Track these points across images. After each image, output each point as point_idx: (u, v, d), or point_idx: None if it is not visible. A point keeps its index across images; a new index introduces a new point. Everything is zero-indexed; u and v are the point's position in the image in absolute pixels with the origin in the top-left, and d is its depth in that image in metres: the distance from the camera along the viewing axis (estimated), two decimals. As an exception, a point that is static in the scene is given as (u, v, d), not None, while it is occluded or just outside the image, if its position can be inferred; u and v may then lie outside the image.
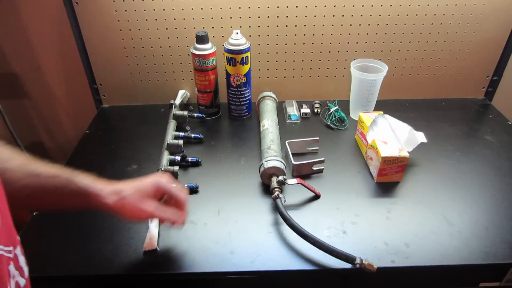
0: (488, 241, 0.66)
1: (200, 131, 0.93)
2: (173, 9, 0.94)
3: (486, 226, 0.69)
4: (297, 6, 0.94)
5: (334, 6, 0.94)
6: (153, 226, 0.67)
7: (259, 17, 0.96)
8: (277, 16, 0.96)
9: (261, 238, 0.66)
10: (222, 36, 0.97)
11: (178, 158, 0.81)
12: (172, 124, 0.92)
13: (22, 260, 0.42)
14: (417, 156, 0.84)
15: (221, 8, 0.94)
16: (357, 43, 1.01)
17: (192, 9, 0.94)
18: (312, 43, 1.00)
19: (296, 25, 0.97)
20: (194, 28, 0.96)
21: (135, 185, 0.56)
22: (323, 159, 0.80)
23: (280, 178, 0.72)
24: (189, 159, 0.83)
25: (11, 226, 0.40)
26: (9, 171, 0.49)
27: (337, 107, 1.01)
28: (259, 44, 1.00)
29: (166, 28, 0.97)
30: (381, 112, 0.89)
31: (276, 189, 0.70)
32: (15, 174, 0.49)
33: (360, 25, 0.98)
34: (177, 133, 0.90)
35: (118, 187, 0.54)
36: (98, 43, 0.98)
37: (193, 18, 0.95)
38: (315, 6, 0.94)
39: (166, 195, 0.59)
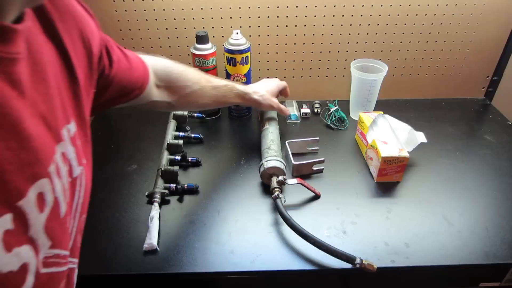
0: (488, 241, 0.66)
1: (200, 131, 0.93)
2: (173, 9, 0.94)
3: (486, 226, 0.69)
4: (297, 6, 0.94)
5: (334, 6, 0.95)
6: (153, 226, 0.67)
7: (259, 17, 0.96)
8: (277, 16, 0.96)
9: (261, 238, 0.66)
10: (222, 36, 0.98)
11: (178, 158, 0.81)
12: (172, 124, 0.92)
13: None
14: (417, 156, 0.84)
15: (221, 8, 0.94)
16: (357, 43, 1.01)
17: (192, 9, 0.94)
18: (312, 43, 1.00)
19: (296, 25, 0.97)
20: (194, 28, 0.96)
21: (265, 86, 0.84)
22: (323, 159, 0.80)
23: (280, 178, 0.72)
24: (189, 159, 0.83)
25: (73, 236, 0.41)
26: (203, 89, 0.71)
27: (337, 107, 1.01)
28: (259, 44, 1.00)
29: (166, 28, 0.97)
30: (381, 112, 0.89)
31: (276, 189, 0.70)
32: (206, 90, 0.72)
33: (360, 25, 0.98)
34: (177, 133, 0.90)
35: (256, 89, 0.82)
36: (98, 43, 0.98)
37: (193, 18, 0.95)
38: (315, 6, 0.94)
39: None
